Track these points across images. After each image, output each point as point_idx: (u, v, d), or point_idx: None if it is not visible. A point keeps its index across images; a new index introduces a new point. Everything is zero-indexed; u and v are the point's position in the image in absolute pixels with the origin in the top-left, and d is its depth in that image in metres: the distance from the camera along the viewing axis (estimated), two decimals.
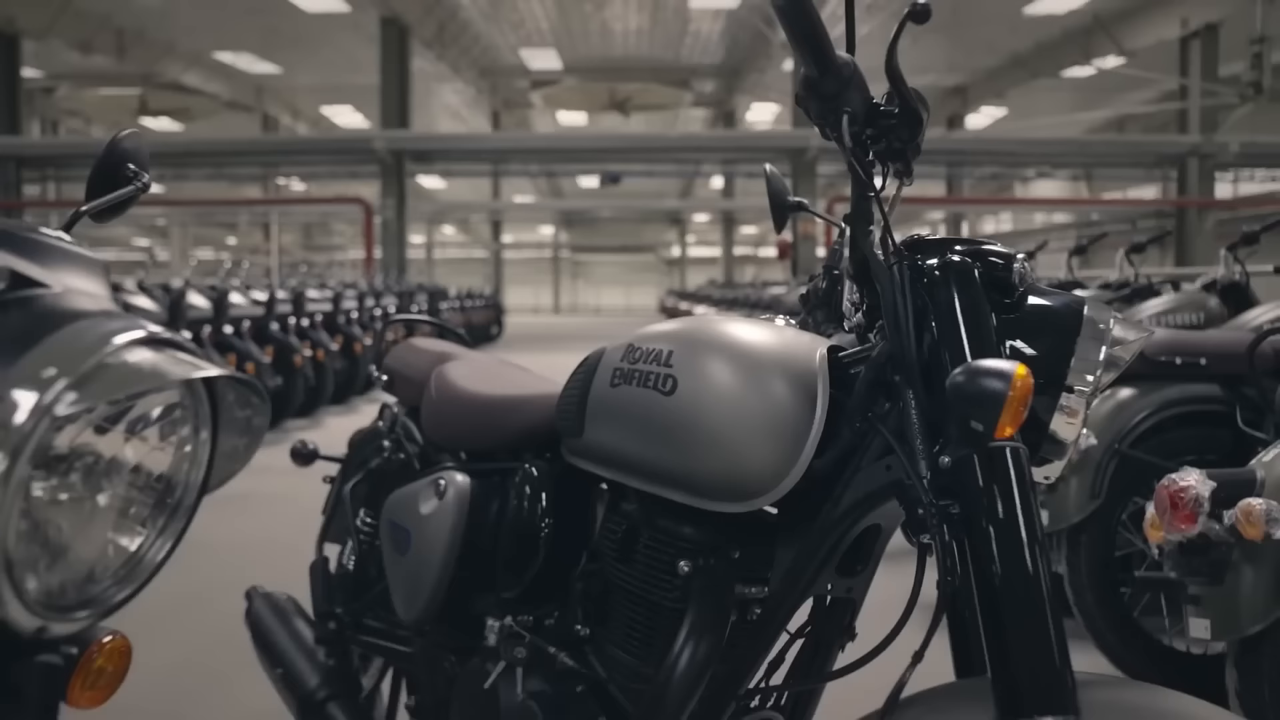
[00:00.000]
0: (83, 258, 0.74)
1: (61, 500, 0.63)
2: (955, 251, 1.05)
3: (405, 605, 1.52)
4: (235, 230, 32.99)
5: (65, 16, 17.65)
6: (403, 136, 17.28)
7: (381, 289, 11.47)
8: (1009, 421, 0.89)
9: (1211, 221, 17.75)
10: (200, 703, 2.57)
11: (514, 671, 1.30)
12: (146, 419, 0.68)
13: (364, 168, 19.46)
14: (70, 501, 0.64)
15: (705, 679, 1.13)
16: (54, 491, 0.63)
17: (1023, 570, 0.91)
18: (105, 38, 19.06)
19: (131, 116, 25.27)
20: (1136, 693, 0.93)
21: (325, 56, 21.19)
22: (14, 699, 0.70)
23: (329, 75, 22.73)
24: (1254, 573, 1.86)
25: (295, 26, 19.21)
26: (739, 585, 1.16)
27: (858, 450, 1.07)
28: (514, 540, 1.42)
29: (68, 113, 24.68)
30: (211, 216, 29.37)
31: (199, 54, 21.17)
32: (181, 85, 21.99)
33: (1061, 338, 1.02)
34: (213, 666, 2.77)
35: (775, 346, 1.15)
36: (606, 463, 1.27)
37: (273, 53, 21.07)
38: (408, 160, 17.62)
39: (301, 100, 25.77)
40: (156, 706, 2.49)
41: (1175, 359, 2.72)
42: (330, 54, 21.03)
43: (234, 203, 25.16)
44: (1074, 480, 2.62)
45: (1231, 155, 17.41)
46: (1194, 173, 17.57)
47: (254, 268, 14.18)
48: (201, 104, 23.83)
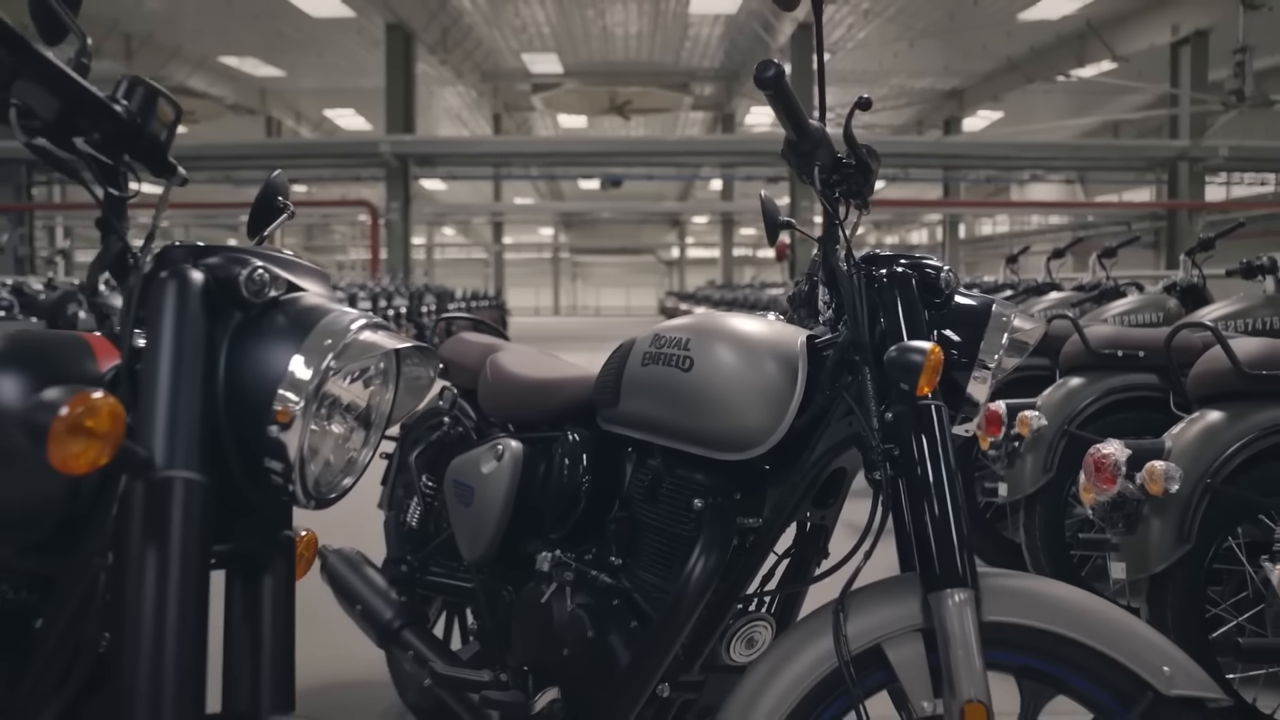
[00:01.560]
0: (316, 270, 1.08)
1: (322, 424, 0.99)
2: (899, 265, 1.41)
3: (469, 547, 1.88)
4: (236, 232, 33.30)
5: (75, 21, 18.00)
6: (408, 141, 17.60)
7: (391, 290, 11.81)
8: (926, 383, 1.26)
9: (1201, 224, 18.08)
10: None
11: (564, 590, 1.66)
12: (364, 372, 1.03)
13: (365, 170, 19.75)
14: (324, 425, 0.99)
15: (712, 588, 1.49)
16: (321, 419, 0.98)
17: (941, 490, 1.27)
18: (114, 43, 19.38)
19: None
20: (1024, 579, 1.30)
21: (329, 60, 21.40)
22: (262, 571, 1.05)
23: (331, 78, 22.95)
24: (1159, 522, 2.24)
25: (300, 31, 19.43)
26: (739, 517, 1.52)
27: (828, 412, 1.43)
28: (559, 493, 1.78)
29: None
30: (213, 218, 29.65)
31: (205, 58, 21.43)
32: (187, 89, 22.27)
33: (975, 328, 1.39)
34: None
35: (767, 335, 1.52)
36: (637, 426, 1.63)
37: (277, 57, 21.37)
38: (412, 164, 17.94)
39: (304, 103, 26.01)
40: None
41: (1118, 351, 3.08)
42: (334, 58, 21.25)
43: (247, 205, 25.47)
44: (1029, 457, 2.94)
45: (1221, 159, 17.75)
46: (1184, 176, 17.89)
47: None
48: (206, 107, 23.94)
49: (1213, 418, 2.38)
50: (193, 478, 0.89)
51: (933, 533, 1.25)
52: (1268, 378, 2.38)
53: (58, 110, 0.96)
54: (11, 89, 0.94)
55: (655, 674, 1.50)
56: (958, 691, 1.19)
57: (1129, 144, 21.15)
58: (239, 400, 0.94)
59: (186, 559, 0.87)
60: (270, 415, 0.92)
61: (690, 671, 1.54)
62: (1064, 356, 3.22)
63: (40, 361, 1.07)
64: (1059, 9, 17.52)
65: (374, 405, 1.01)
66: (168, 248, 0.98)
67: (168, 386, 0.91)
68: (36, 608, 1.13)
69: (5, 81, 0.94)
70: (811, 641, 1.28)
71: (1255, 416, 2.35)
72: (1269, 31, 15.77)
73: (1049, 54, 19.97)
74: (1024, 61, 20.72)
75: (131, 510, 0.88)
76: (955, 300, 1.42)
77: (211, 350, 0.94)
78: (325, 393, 0.94)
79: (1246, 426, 2.33)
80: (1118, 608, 1.26)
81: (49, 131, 0.96)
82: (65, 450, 0.80)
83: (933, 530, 1.26)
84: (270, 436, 0.92)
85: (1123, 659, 1.19)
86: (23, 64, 0.94)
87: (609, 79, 23.39)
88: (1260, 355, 2.41)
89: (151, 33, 19.58)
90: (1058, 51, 19.71)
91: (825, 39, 1.39)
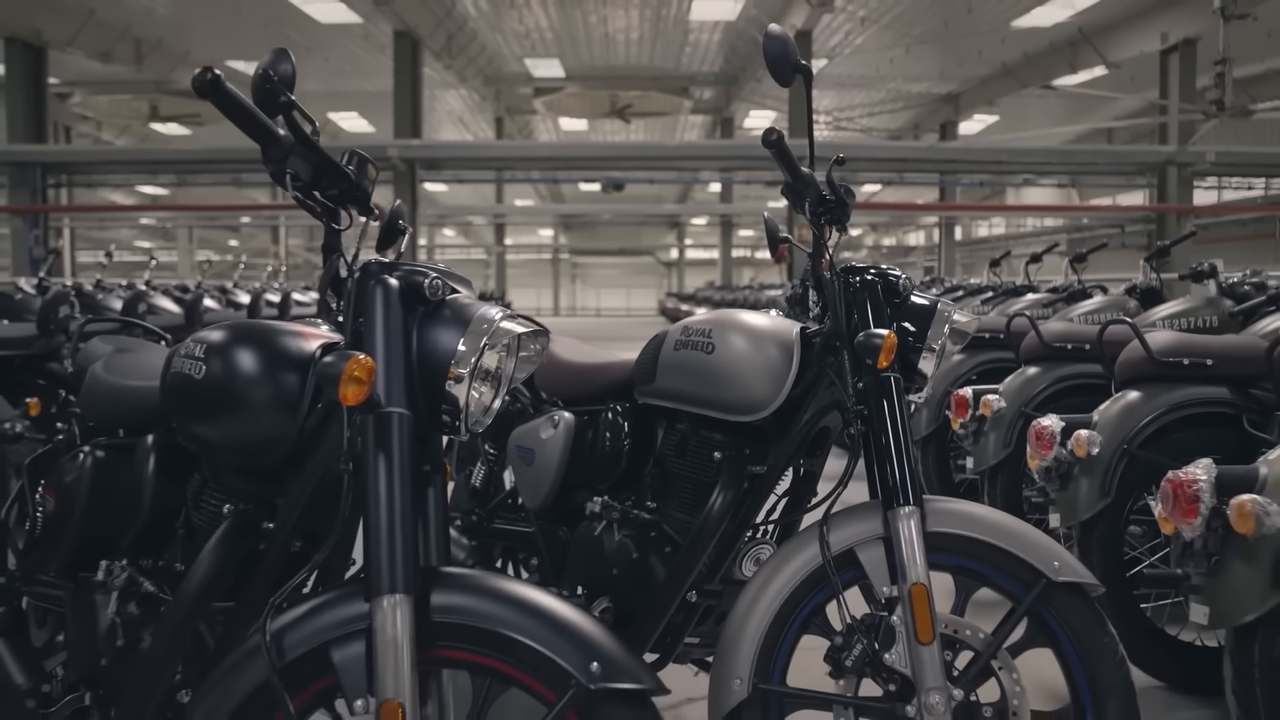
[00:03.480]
0: (464, 279, 1.54)
1: (476, 384, 1.44)
2: (869, 274, 1.89)
3: (531, 498, 2.34)
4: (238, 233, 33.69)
5: (88, 27, 18.42)
6: (416, 146, 18.01)
7: None
8: (884, 359, 1.73)
9: (1189, 227, 18.53)
10: None
11: (612, 526, 2.13)
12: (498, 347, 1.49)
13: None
14: (477, 384, 1.45)
15: (727, 519, 1.96)
16: (477, 380, 1.44)
17: (897, 438, 1.75)
18: (125, 48, 19.80)
19: (142, 121, 25.72)
20: (958, 504, 1.77)
21: (334, 64, 21.70)
22: (435, 473, 1.45)
23: (335, 82, 23.21)
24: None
25: (308, 37, 19.77)
26: (748, 465, 1.99)
27: (815, 384, 1.91)
28: (604, 453, 2.25)
29: (78, 117, 25.19)
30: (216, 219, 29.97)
31: (213, 62, 21.61)
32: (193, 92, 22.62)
33: (925, 320, 1.87)
34: None
35: (770, 326, 1.99)
36: (670, 398, 2.10)
37: None
38: (420, 168, 18.36)
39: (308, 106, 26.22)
40: None
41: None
42: (338, 61, 21.59)
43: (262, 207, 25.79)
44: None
45: (1208, 164, 18.19)
46: (1173, 180, 18.29)
47: (261, 269, 14.88)
48: (211, 110, 24.22)
49: (1131, 396, 2.81)
50: (403, 413, 1.35)
51: (891, 468, 1.73)
52: (1174, 364, 2.79)
53: (311, 174, 1.42)
54: (287, 162, 1.40)
55: (684, 584, 1.98)
56: (907, 578, 1.66)
57: (1118, 149, 21.58)
58: (425, 366, 1.39)
59: (402, 464, 1.33)
60: (445, 376, 1.38)
61: (712, 582, 2.02)
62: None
63: (280, 340, 1.56)
64: (1051, 16, 17.91)
65: (503, 370, 1.47)
66: (368, 263, 1.44)
67: (383, 355, 1.36)
68: (257, 520, 1.60)
69: (283, 157, 1.40)
70: (803, 549, 1.76)
71: (1165, 396, 2.77)
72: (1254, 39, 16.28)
73: (1042, 60, 20.37)
74: (1018, 67, 21.11)
75: (366, 433, 1.34)
76: (911, 299, 1.90)
77: (406, 332, 1.40)
78: (479, 363, 1.40)
79: (1157, 403, 2.76)
80: (1026, 523, 1.74)
81: (304, 188, 1.42)
82: (348, 389, 1.27)
83: (891, 467, 1.73)
84: (446, 390, 1.38)
85: (1025, 556, 1.67)
86: (296, 146, 1.40)
87: (610, 83, 23.74)
88: (1169, 346, 2.82)
89: (162, 38, 19.98)
90: (1051, 57, 20.10)
91: (824, 45, 1.87)
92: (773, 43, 1.78)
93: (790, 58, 1.78)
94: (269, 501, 1.60)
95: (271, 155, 1.40)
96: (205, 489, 1.68)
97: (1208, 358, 2.79)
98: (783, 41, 1.78)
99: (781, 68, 1.78)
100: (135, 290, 7.35)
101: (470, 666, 1.36)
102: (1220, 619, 2.01)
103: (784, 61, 1.78)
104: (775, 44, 1.78)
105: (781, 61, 1.78)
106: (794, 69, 1.79)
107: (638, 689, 1.29)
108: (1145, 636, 2.75)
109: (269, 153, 1.40)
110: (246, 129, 1.39)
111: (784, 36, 1.78)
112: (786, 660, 1.77)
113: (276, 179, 1.40)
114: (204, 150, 20.55)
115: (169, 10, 18.46)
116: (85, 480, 1.82)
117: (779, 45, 1.77)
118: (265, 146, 1.40)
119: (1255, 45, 17.46)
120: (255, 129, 1.39)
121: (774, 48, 1.78)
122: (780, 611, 1.73)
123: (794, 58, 1.78)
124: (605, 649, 1.30)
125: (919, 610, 1.66)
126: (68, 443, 2.07)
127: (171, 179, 21.91)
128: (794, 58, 1.78)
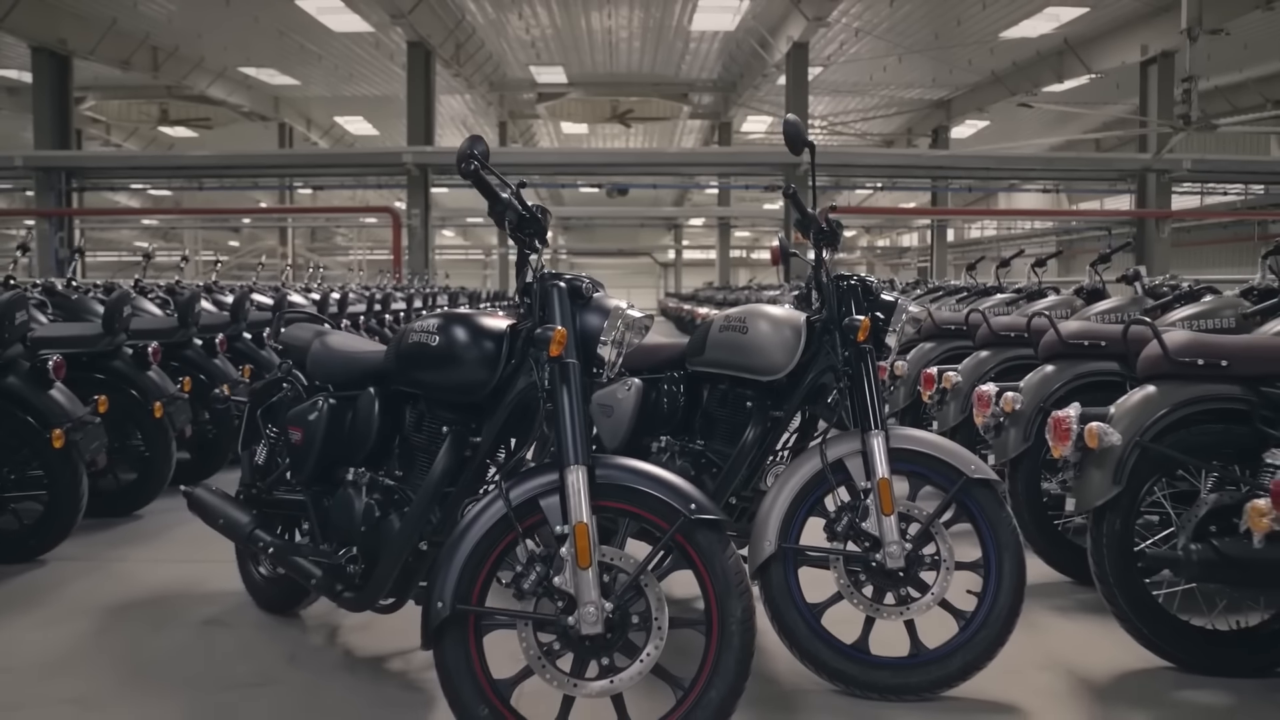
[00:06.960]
0: (598, 281, 2.41)
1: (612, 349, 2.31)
2: (853, 280, 2.76)
3: (609, 441, 3.20)
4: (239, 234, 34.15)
5: (109, 36, 19.05)
6: (429, 152, 18.65)
7: (425, 292, 12.58)
8: (862, 335, 2.61)
9: (1168, 230, 19.35)
10: None
11: (674, 459, 3.01)
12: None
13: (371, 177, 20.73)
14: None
15: (755, 449, 2.85)
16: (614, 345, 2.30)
17: (870, 390, 2.62)
18: (143, 55, 20.38)
19: (151, 125, 26.30)
20: (912, 431, 2.66)
21: (342, 70, 22.41)
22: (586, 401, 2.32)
23: (342, 87, 23.89)
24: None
25: (320, 45, 20.45)
26: (770, 411, 2.87)
27: (817, 355, 2.78)
28: (664, 408, 3.13)
29: (89, 120, 25.66)
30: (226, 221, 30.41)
31: (225, 68, 22.30)
32: (205, 97, 23.16)
33: (890, 311, 2.75)
34: None
35: (786, 315, 2.87)
36: (715, 365, 2.97)
37: (293, 67, 22.38)
38: (432, 173, 18.97)
39: (315, 110, 26.90)
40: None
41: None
42: (346, 67, 22.28)
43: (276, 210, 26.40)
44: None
45: (1185, 171, 19.01)
46: (1152, 186, 19.05)
47: (265, 270, 15.35)
48: (221, 114, 24.89)
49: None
50: (575, 363, 2.18)
51: (868, 408, 2.61)
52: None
53: (516, 223, 2.28)
54: (506, 216, 2.26)
55: (725, 494, 2.86)
56: (874, 475, 2.55)
57: (1099, 157, 22.25)
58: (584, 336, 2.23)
59: (576, 391, 2.15)
60: (596, 343, 2.25)
61: (746, 490, 2.91)
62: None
63: (483, 321, 2.42)
64: (1038, 28, 18.73)
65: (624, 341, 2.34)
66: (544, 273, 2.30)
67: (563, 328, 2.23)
68: (467, 436, 2.47)
69: (503, 213, 2.25)
70: (808, 461, 2.64)
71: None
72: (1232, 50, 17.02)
73: (1030, 69, 21.20)
74: (1007, 75, 21.93)
75: (557, 373, 2.17)
76: (881, 297, 2.78)
77: (572, 317, 2.26)
78: (615, 337, 2.28)
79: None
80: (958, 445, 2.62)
81: (512, 230, 2.28)
82: (553, 347, 2.13)
83: (868, 407, 2.62)
84: (597, 353, 2.26)
85: (953, 462, 2.55)
86: (512, 205, 2.25)
87: (611, 89, 24.43)
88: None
89: (178, 46, 20.55)
90: (1038, 66, 20.93)
91: (819, 53, 2.74)
92: (790, 126, 2.69)
93: (802, 135, 2.70)
94: (473, 425, 2.48)
95: (494, 209, 2.24)
96: (423, 419, 2.56)
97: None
98: (796, 125, 2.69)
99: (795, 141, 2.69)
100: (192, 291, 7.00)
101: (616, 511, 2.17)
102: (1081, 505, 2.84)
103: (798, 137, 2.69)
104: (791, 127, 2.69)
105: (796, 137, 2.68)
106: (804, 143, 2.69)
107: (718, 519, 2.14)
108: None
109: (493, 207, 2.24)
110: (482, 192, 2.22)
111: (797, 121, 2.69)
112: (799, 532, 2.66)
113: (497, 222, 2.24)
114: (221, 156, 21.10)
115: (187, 21, 19.06)
116: (323, 419, 2.71)
117: (794, 128, 2.70)
118: (491, 203, 2.24)
119: (1234, 56, 18.28)
120: (488, 192, 2.22)
121: (790, 129, 2.69)
122: (794, 501, 2.62)
123: (804, 135, 2.71)
124: (697, 497, 2.15)
125: (884, 497, 2.54)
126: (293, 396, 2.96)
127: (186, 183, 22.46)
128: (804, 135, 2.71)
